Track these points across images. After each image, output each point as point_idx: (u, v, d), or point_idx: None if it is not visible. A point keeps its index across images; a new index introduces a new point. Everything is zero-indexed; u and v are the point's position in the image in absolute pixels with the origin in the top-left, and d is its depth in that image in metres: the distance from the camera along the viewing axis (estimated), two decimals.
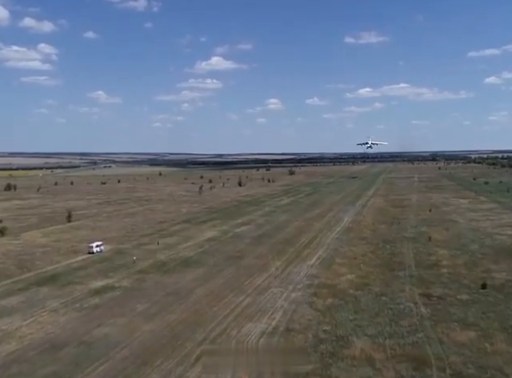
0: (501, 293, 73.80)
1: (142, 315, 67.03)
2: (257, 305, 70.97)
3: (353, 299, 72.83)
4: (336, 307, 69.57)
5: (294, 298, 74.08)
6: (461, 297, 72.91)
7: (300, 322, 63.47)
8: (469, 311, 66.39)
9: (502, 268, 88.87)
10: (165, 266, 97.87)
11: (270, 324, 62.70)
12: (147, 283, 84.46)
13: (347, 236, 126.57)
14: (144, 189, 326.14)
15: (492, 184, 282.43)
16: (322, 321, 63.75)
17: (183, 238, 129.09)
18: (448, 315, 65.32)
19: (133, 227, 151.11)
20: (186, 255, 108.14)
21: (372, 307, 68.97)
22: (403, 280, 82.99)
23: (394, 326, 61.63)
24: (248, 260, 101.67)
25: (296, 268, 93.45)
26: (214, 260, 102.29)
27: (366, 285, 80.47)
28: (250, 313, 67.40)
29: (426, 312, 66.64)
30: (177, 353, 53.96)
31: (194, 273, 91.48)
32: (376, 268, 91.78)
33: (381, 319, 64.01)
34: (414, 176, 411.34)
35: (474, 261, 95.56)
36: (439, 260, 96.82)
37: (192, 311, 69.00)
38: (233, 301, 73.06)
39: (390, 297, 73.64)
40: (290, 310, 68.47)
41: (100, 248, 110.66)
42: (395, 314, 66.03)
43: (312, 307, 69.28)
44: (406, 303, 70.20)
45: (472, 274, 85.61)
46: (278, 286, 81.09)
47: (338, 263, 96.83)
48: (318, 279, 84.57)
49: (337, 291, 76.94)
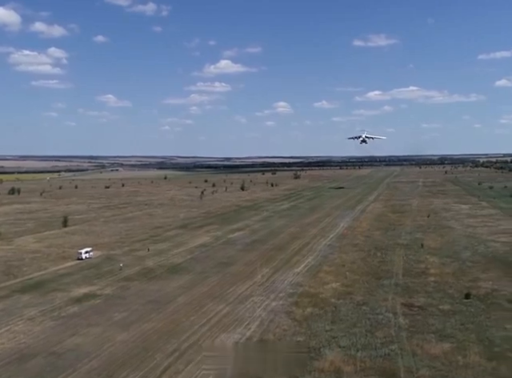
0: (483, 303, 72.76)
1: (118, 325, 66.55)
2: (235, 314, 70.34)
3: (333, 309, 72.03)
4: (314, 316, 68.77)
5: (273, 307, 73.39)
6: (443, 307, 71.90)
7: (275, 332, 62.77)
8: (448, 322, 65.41)
9: (489, 277, 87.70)
10: (151, 273, 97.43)
11: (245, 335, 62.04)
12: (130, 291, 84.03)
13: (340, 243, 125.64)
14: (146, 193, 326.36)
15: (496, 189, 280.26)
16: (297, 332, 62.99)
17: (175, 244, 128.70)
18: (426, 326, 64.36)
19: (128, 232, 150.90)
20: (175, 261, 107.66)
21: (350, 318, 68.14)
22: (388, 289, 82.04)
23: (369, 337, 60.75)
24: (236, 267, 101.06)
25: (282, 276, 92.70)
26: (202, 267, 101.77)
27: (349, 294, 79.64)
28: (227, 323, 66.80)
29: (404, 323, 65.70)
30: (144, 365, 53.44)
31: (180, 280, 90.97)
32: (363, 276, 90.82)
33: (357, 330, 63.17)
34: (419, 180, 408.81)
35: (463, 269, 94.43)
36: (428, 268, 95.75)
37: (169, 320, 68.45)
38: (212, 310, 72.49)
39: (370, 307, 72.71)
40: (267, 320, 67.78)
41: (89, 254, 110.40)
42: (373, 324, 65.15)
43: (290, 317, 68.52)
44: (386, 314, 69.25)
45: (459, 283, 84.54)
46: (260, 294, 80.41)
47: (325, 270, 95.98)
48: (301, 288, 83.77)
49: (318, 301, 76.13)
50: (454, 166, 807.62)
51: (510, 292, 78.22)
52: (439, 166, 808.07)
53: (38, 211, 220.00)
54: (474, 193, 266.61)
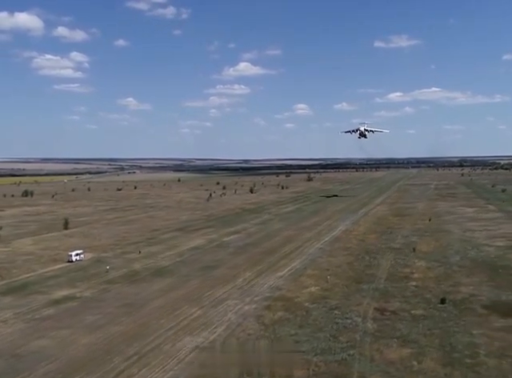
0: (457, 308, 72.03)
1: (87, 328, 67.20)
2: (205, 318, 70.59)
3: (304, 313, 71.85)
4: (283, 321, 68.72)
5: (245, 311, 73.46)
6: (415, 312, 71.30)
7: (239, 336, 62.85)
8: (415, 328, 64.86)
9: (472, 282, 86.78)
10: (136, 276, 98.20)
11: (208, 338, 62.21)
12: (109, 294, 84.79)
13: (332, 246, 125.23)
14: (156, 195, 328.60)
15: (509, 192, 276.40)
16: (261, 336, 62.99)
17: (168, 247, 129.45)
18: (393, 331, 63.89)
19: (125, 234, 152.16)
20: (163, 264, 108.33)
21: (319, 322, 67.97)
22: (365, 294, 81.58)
23: (332, 342, 60.56)
24: (220, 271, 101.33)
25: (263, 279, 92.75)
26: (187, 270, 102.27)
27: (326, 298, 79.41)
28: (194, 326, 67.08)
29: (371, 328, 65.29)
30: (100, 368, 53.87)
31: (161, 283, 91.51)
32: (344, 280, 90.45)
33: (322, 335, 63.00)
34: (432, 183, 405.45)
35: (447, 274, 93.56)
36: (412, 273, 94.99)
37: (138, 323, 68.93)
38: (183, 313, 72.80)
39: (342, 311, 72.42)
40: (235, 324, 67.88)
41: (80, 257, 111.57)
42: (339, 329, 64.90)
43: (258, 321, 68.53)
44: (355, 318, 68.89)
45: (439, 288, 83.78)
46: (236, 298, 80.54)
47: (307, 274, 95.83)
48: (279, 292, 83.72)
49: (292, 305, 76.02)
50: (472, 168, 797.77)
51: (487, 297, 77.18)
52: (457, 169, 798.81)
53: (45, 213, 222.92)
54: (483, 196, 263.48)
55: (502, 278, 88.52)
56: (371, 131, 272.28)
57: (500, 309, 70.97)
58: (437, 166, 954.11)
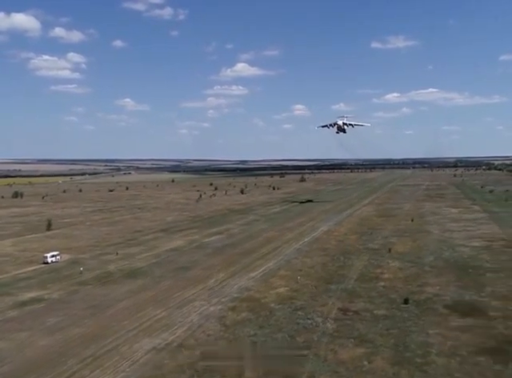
0: (419, 308, 72.51)
1: (47, 330, 67.44)
2: (168, 319, 70.89)
3: (267, 314, 72.19)
4: (245, 321, 69.04)
5: (209, 312, 73.80)
6: (377, 312, 71.74)
7: (197, 338, 63.16)
8: (374, 327, 65.29)
9: (439, 282, 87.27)
10: (108, 277, 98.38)
11: (166, 340, 62.49)
12: (77, 295, 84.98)
13: (310, 247, 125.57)
14: (146, 197, 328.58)
15: (496, 193, 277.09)
16: (220, 337, 63.31)
17: (147, 248, 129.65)
18: (351, 331, 64.31)
19: (107, 236, 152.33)
20: (138, 265, 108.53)
21: (280, 322, 68.31)
22: (332, 294, 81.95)
23: (289, 342, 60.80)
24: (194, 272, 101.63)
25: (235, 280, 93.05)
26: (161, 271, 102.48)
27: (292, 299, 79.77)
28: (156, 328, 67.32)
29: (330, 328, 65.72)
30: (52, 370, 54.20)
31: (132, 285, 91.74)
32: (314, 281, 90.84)
33: (280, 335, 63.41)
34: (424, 184, 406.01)
35: (417, 274, 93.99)
36: (383, 273, 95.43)
37: (100, 325, 69.14)
38: (147, 315, 73.04)
39: (306, 312, 72.81)
40: (196, 325, 68.22)
41: (56, 258, 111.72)
42: (298, 329, 65.28)
43: (220, 322, 68.85)
44: (317, 319, 69.29)
45: (406, 288, 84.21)
46: (204, 299, 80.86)
47: (279, 275, 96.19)
48: (247, 292, 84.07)
49: (257, 305, 76.36)
50: (466, 169, 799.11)
51: (450, 297, 77.67)
52: (452, 169, 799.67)
53: (32, 214, 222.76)
54: (471, 197, 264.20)
55: (470, 278, 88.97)
56: (350, 125, 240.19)
57: (460, 309, 71.47)
58: (432, 166, 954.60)
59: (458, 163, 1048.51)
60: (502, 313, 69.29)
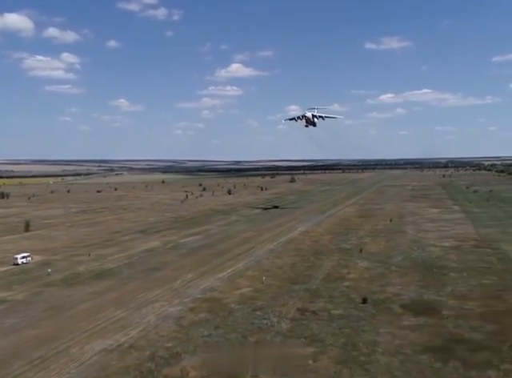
0: (376, 308, 73.22)
1: (3, 331, 67.85)
2: (125, 320, 71.20)
3: (225, 314, 72.66)
4: (202, 322, 69.52)
5: (168, 313, 74.23)
6: (335, 312, 72.38)
7: (150, 338, 63.53)
8: (328, 327, 65.93)
9: (402, 282, 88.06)
10: (76, 278, 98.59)
11: (118, 341, 62.81)
12: (41, 297, 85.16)
13: (284, 248, 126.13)
14: (133, 197, 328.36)
15: (480, 193, 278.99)
16: (173, 338, 63.76)
17: (122, 249, 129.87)
18: (304, 331, 64.86)
19: (84, 236, 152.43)
20: (108, 266, 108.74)
21: (237, 323, 68.83)
22: (295, 294, 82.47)
23: (242, 342, 61.29)
24: (164, 273, 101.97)
25: (202, 281, 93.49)
26: (131, 272, 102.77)
27: (254, 299, 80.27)
28: (111, 329, 67.67)
29: (285, 328, 66.26)
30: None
31: (98, 286, 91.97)
32: (280, 281, 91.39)
33: (233, 336, 63.90)
34: (411, 184, 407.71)
35: (383, 274, 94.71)
36: (349, 273, 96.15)
37: (57, 326, 69.40)
38: (106, 316, 73.31)
39: (264, 312, 73.31)
40: (152, 325, 68.58)
41: (27, 259, 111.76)
42: (253, 330, 65.80)
43: (177, 323, 69.26)
44: (273, 319, 69.83)
45: (368, 288, 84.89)
46: (166, 300, 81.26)
47: (246, 275, 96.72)
48: (210, 293, 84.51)
49: (217, 306, 76.83)
50: (456, 169, 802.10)
51: (409, 297, 78.42)
52: (442, 170, 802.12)
53: (14, 215, 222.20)
54: (454, 197, 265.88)
55: (433, 278, 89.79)
56: (321, 117, 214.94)
57: (416, 308, 72.23)
58: (423, 167, 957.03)
59: (448, 164, 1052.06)
60: (456, 312, 70.05)
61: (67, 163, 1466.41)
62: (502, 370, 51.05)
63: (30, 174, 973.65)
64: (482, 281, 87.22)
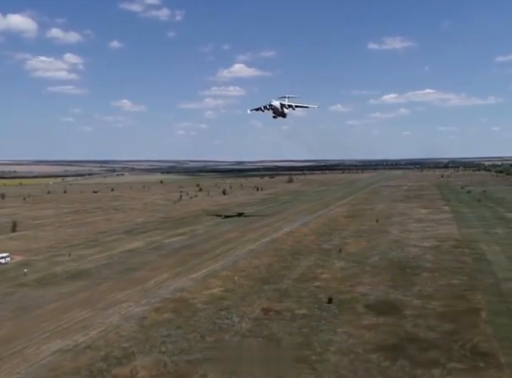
0: (339, 308, 73.57)
1: None
2: (88, 321, 71.54)
3: (189, 315, 73.05)
4: (164, 322, 69.86)
5: (133, 313, 74.56)
6: (299, 312, 72.67)
7: (108, 339, 63.87)
8: (288, 327, 66.31)
9: (373, 282, 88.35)
10: (51, 279, 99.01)
11: (77, 341, 63.13)
12: (12, 297, 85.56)
13: (265, 248, 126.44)
14: (128, 198, 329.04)
15: (473, 193, 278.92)
16: (131, 338, 64.11)
17: (103, 249, 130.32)
18: (264, 330, 65.28)
19: (69, 237, 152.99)
20: (86, 267, 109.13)
21: (199, 323, 69.33)
22: (264, 294, 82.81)
23: (198, 342, 61.92)
24: (140, 273, 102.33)
25: (174, 281, 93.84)
26: (107, 273, 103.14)
27: (222, 299, 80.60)
28: (72, 329, 68.03)
29: (244, 328, 66.58)
30: None
31: (71, 286, 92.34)
32: (252, 281, 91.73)
33: (192, 335, 64.36)
34: (408, 185, 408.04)
35: (356, 274, 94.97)
36: (323, 273, 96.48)
37: (20, 327, 69.67)
38: (70, 316, 73.67)
39: (229, 311, 73.69)
40: (114, 326, 68.92)
41: (5, 260, 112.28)
42: (213, 329, 66.21)
43: (138, 323, 69.60)
44: (235, 319, 70.16)
45: (337, 287, 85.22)
46: (134, 300, 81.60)
47: (220, 275, 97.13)
48: (180, 293, 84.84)
49: (184, 306, 77.20)
50: (456, 169, 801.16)
51: (375, 297, 78.70)
52: (442, 170, 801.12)
53: (5, 215, 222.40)
54: (447, 197, 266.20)
55: (404, 278, 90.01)
56: (291, 107, 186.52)
57: (379, 308, 72.52)
58: (423, 167, 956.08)
59: (449, 164, 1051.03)
60: (418, 312, 70.28)
61: (69, 164, 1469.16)
62: (446, 368, 51.28)
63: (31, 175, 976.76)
64: (451, 281, 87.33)
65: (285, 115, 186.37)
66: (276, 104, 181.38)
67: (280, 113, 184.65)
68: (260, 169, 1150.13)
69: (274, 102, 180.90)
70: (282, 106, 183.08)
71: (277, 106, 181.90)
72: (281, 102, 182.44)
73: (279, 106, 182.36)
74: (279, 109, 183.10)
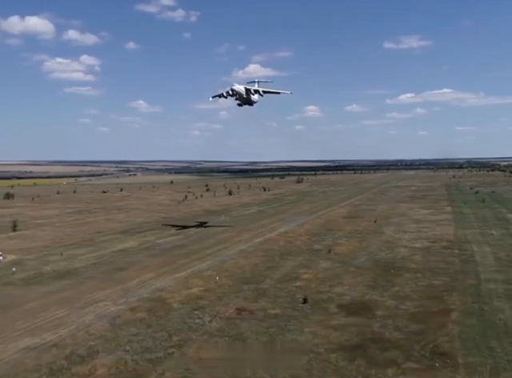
0: (312, 308, 73.56)
1: None
2: (62, 319, 72.15)
3: (163, 314, 73.39)
4: (136, 321, 70.31)
5: (108, 312, 75.12)
6: (271, 311, 72.70)
7: (77, 337, 64.44)
8: (257, 326, 66.37)
9: (353, 282, 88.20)
10: (38, 278, 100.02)
11: (45, 339, 63.70)
12: None
13: (255, 248, 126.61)
14: (135, 198, 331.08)
15: (481, 194, 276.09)
16: (100, 336, 64.56)
17: (96, 248, 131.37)
18: (232, 330, 65.46)
19: (66, 236, 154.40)
20: (75, 266, 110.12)
21: (171, 322, 69.62)
22: (242, 294, 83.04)
23: (163, 341, 62.10)
24: (126, 273, 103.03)
25: (157, 281, 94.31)
26: (94, 272, 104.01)
27: (199, 299, 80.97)
28: (45, 327, 68.63)
29: (214, 327, 66.89)
30: None
31: (55, 285, 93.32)
32: (233, 281, 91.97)
33: (159, 334, 64.67)
34: (416, 185, 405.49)
35: (338, 274, 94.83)
36: (306, 273, 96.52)
37: None
38: (46, 315, 74.23)
39: (202, 311, 74.05)
40: (86, 324, 69.48)
41: None
42: (182, 328, 66.56)
43: (110, 322, 70.13)
44: (206, 318, 70.48)
45: (316, 288, 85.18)
46: (112, 299, 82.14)
47: (203, 275, 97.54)
48: (159, 293, 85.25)
49: (159, 305, 77.61)
50: (469, 170, 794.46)
51: (351, 297, 78.61)
52: (456, 170, 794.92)
53: (9, 215, 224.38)
54: (453, 198, 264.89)
55: (385, 278, 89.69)
56: (257, 92, 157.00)
57: (351, 308, 72.33)
58: (437, 168, 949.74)
59: (464, 165, 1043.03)
60: (389, 312, 69.98)
61: (85, 164, 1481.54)
62: (401, 368, 51.07)
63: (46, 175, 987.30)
64: (432, 282, 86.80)
65: (251, 103, 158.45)
66: (239, 89, 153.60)
67: (245, 100, 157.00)
68: (272, 169, 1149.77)
69: (237, 86, 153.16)
70: (248, 92, 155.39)
71: (240, 92, 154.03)
72: (246, 87, 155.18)
73: (244, 92, 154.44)
74: (244, 95, 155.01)
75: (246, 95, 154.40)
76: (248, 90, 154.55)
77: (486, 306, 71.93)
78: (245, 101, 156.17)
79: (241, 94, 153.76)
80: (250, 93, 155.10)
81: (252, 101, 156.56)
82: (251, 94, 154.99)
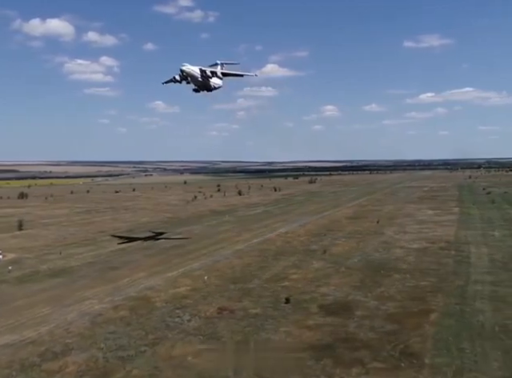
0: (294, 308, 73.67)
1: None
2: (46, 317, 73.09)
3: (145, 313, 74.00)
4: (116, 320, 71.03)
5: (91, 310, 75.89)
6: (252, 311, 72.96)
7: (55, 334, 65.35)
8: (235, 325, 66.70)
9: (340, 283, 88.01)
10: (33, 276, 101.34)
11: (24, 336, 64.67)
12: None
13: (252, 248, 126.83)
14: (145, 198, 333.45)
15: (493, 195, 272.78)
16: (78, 334, 65.35)
17: (95, 248, 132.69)
18: (209, 329, 65.80)
19: (70, 236, 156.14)
20: (71, 265, 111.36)
21: (151, 321, 70.17)
22: (228, 293, 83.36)
23: (139, 340, 62.62)
24: (119, 272, 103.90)
25: (147, 280, 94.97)
26: (89, 271, 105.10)
27: (184, 298, 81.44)
28: (27, 325, 69.66)
29: (192, 326, 67.28)
30: None
31: (48, 283, 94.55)
32: (222, 281, 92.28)
33: (136, 332, 65.41)
34: (429, 185, 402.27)
35: (328, 275, 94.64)
36: (295, 274, 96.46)
37: None
38: (31, 313, 75.29)
39: (184, 310, 74.56)
40: (67, 322, 70.40)
41: None
42: (159, 327, 67.04)
43: (91, 320, 70.96)
44: (185, 317, 71.05)
45: (302, 288, 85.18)
46: (99, 298, 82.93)
47: (193, 275, 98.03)
48: (146, 292, 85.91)
49: (143, 304, 78.28)
50: (487, 170, 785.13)
51: (334, 297, 78.46)
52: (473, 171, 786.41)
53: (19, 214, 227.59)
54: (463, 198, 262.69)
55: (373, 279, 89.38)
56: (215, 75, 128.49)
57: (332, 308, 72.27)
58: (454, 168, 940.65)
59: (483, 165, 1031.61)
60: (368, 313, 69.76)
61: (103, 165, 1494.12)
62: (366, 368, 51.03)
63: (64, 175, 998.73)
64: (420, 283, 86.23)
65: (210, 88, 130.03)
66: (190, 70, 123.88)
67: (202, 84, 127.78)
68: (287, 169, 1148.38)
69: (188, 66, 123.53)
70: (204, 75, 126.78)
71: (193, 74, 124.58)
72: (201, 68, 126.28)
73: (198, 74, 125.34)
74: (198, 78, 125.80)
75: (202, 78, 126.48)
76: (203, 72, 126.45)
77: (468, 307, 71.30)
78: (201, 85, 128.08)
79: (194, 77, 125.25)
80: (206, 75, 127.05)
81: (211, 86, 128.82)
82: (210, 79, 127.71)
